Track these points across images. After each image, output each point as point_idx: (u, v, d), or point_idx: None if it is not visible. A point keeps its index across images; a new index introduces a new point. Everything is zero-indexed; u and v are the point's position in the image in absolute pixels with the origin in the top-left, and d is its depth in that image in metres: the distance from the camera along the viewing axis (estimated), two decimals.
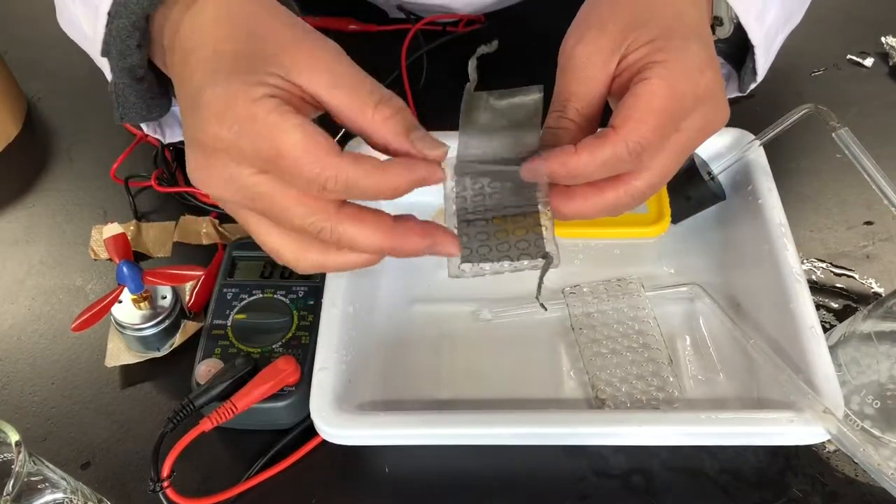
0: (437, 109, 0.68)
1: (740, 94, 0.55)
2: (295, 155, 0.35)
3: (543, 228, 0.41)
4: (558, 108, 0.41)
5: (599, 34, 0.41)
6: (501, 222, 0.41)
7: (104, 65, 0.45)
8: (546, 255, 0.41)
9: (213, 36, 0.37)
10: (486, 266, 0.40)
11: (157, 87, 0.47)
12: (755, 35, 0.47)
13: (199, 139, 0.36)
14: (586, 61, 0.41)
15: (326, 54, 0.37)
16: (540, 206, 0.41)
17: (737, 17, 0.47)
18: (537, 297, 0.42)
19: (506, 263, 0.40)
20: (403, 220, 0.39)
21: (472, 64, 0.38)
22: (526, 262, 0.41)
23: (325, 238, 0.37)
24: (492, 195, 0.42)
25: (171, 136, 0.53)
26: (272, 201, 0.36)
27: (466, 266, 0.40)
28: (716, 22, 0.47)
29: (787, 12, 0.51)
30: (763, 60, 0.50)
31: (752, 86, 0.52)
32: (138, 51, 0.43)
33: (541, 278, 0.41)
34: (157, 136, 0.54)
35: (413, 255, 0.39)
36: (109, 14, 0.42)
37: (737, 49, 0.52)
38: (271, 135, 0.35)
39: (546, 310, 0.45)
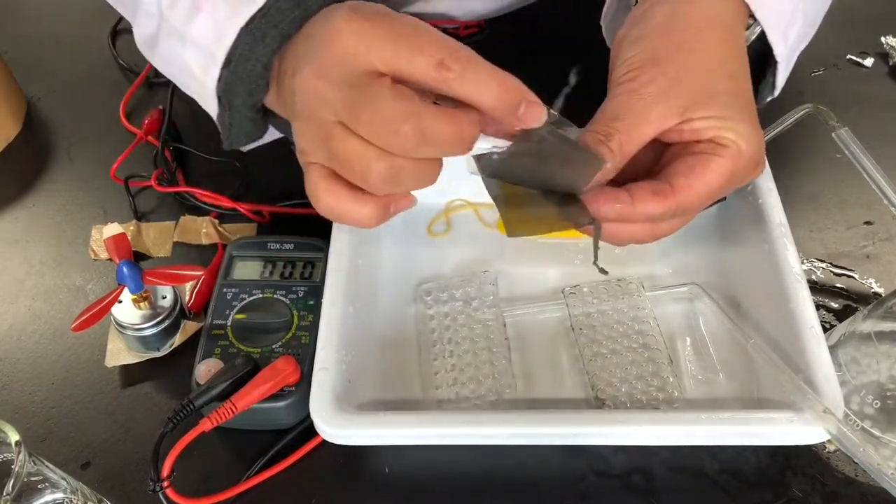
0: None
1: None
2: (389, 101, 0.38)
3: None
4: (602, 130, 0.42)
5: (672, 87, 0.42)
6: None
7: (211, 102, 0.47)
8: (593, 221, 0.42)
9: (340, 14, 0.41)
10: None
11: (266, 116, 0.50)
12: (780, 50, 0.48)
13: (311, 49, 0.41)
14: (649, 108, 0.42)
15: (428, 47, 0.39)
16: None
17: (763, 34, 0.48)
18: (595, 263, 0.44)
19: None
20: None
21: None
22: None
23: (409, 129, 0.38)
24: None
25: (270, 136, 0.55)
26: (368, 90, 0.39)
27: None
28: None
29: (808, 27, 0.51)
30: (783, 76, 0.51)
31: (769, 99, 0.53)
32: (266, 88, 0.46)
33: (596, 242, 0.44)
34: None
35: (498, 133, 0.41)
36: (227, 58, 0.45)
37: (752, 61, 0.52)
38: (357, 57, 0.39)
39: (607, 273, 0.45)
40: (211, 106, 0.48)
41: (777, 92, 0.52)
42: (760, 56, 0.50)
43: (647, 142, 0.43)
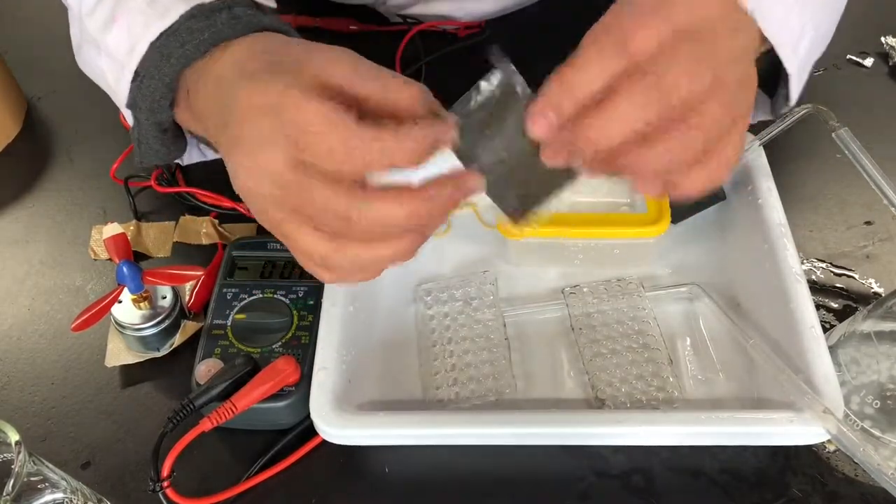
0: None
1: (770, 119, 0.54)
2: (319, 128, 0.37)
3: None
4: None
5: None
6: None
7: (127, 113, 0.47)
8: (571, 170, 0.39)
9: (240, 61, 0.41)
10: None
11: (179, 134, 0.49)
12: (790, 65, 0.47)
13: (235, 137, 0.39)
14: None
15: (344, 54, 0.39)
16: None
17: (772, 49, 0.46)
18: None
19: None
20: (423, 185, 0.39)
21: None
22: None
23: (356, 221, 0.38)
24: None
25: (189, 159, 0.54)
26: (301, 188, 0.37)
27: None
28: None
29: (819, 39, 0.50)
30: (797, 89, 0.49)
31: (784, 111, 0.51)
32: (168, 109, 0.46)
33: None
34: (176, 161, 0.55)
35: (444, 211, 0.39)
36: (137, 72, 0.44)
37: (765, 73, 0.51)
38: (297, 113, 0.37)
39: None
40: (128, 117, 0.48)
41: (792, 104, 0.50)
42: (773, 68, 0.49)
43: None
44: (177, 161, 0.54)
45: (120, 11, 0.45)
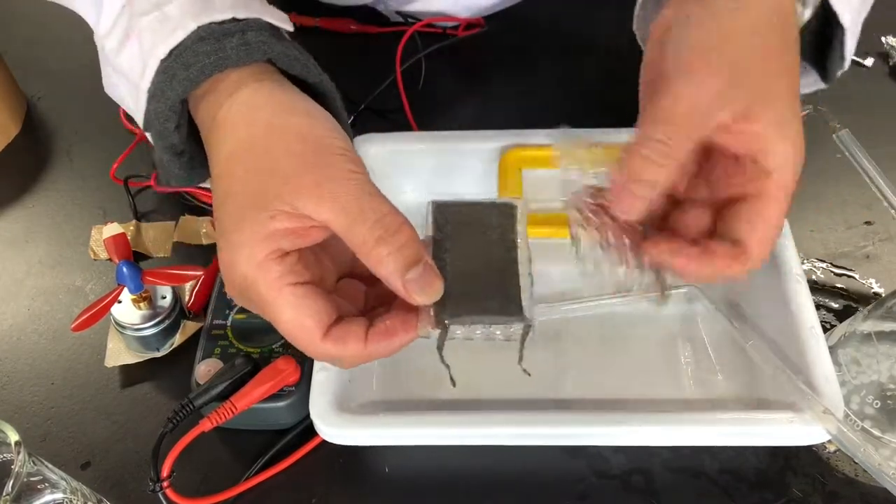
0: (435, 110, 0.69)
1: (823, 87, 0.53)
2: (286, 330, 0.38)
3: (521, 289, 0.38)
4: (658, 137, 0.38)
5: (737, 83, 0.38)
6: (479, 276, 0.39)
7: (149, 134, 0.46)
8: (524, 319, 0.37)
9: (230, 169, 0.39)
10: (458, 330, 0.38)
11: (197, 159, 0.47)
12: (845, 17, 0.45)
13: (221, 270, 0.39)
14: (711, 103, 0.38)
15: (332, 184, 0.37)
16: (519, 265, 0.39)
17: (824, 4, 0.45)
18: (520, 363, 0.39)
19: (478, 329, 0.38)
20: (376, 330, 0.39)
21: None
22: (499, 331, 0.38)
23: (312, 354, 0.39)
24: (478, 243, 0.40)
25: None
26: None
27: (432, 332, 0.38)
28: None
29: None
30: (852, 44, 0.47)
31: (839, 73, 0.49)
32: (176, 132, 0.44)
33: (521, 345, 0.39)
34: (206, 186, 0.55)
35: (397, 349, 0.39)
36: (149, 92, 0.43)
37: (814, 37, 0.49)
38: (268, 306, 0.38)
39: (530, 375, 0.40)
40: (150, 137, 0.46)
41: (847, 64, 0.48)
42: (821, 28, 0.47)
43: (698, 143, 0.39)
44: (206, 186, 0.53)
45: (132, 29, 0.44)
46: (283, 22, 0.45)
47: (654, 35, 0.42)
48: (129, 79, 0.44)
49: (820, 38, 0.48)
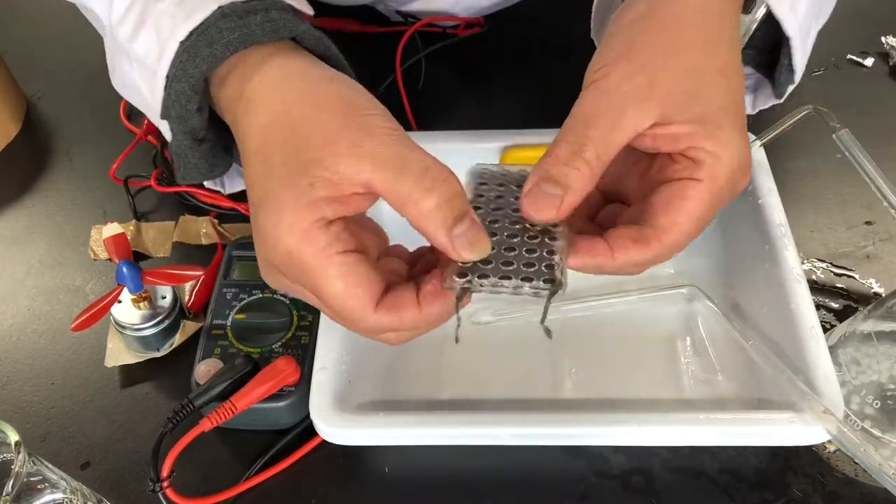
0: (435, 110, 0.69)
1: (777, 102, 0.52)
2: (335, 304, 0.36)
3: (555, 254, 0.37)
4: (575, 143, 0.37)
5: (648, 88, 0.37)
6: (513, 237, 0.38)
7: (164, 127, 0.45)
8: (554, 281, 0.36)
9: (266, 142, 0.38)
10: (485, 282, 0.36)
11: (219, 147, 0.46)
12: (790, 26, 0.44)
13: (250, 198, 0.39)
14: (622, 109, 0.37)
15: (371, 140, 0.36)
16: (559, 232, 0.38)
17: (767, 8, 0.44)
18: (542, 322, 0.38)
19: (507, 283, 0.36)
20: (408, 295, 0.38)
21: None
22: (528, 286, 0.36)
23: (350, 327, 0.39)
24: (512, 208, 0.39)
25: (232, 187, 0.52)
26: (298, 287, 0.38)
27: (461, 280, 0.36)
28: (744, 11, 0.43)
29: (819, 3, 0.47)
30: (800, 55, 0.46)
31: (790, 88, 0.49)
32: (198, 114, 0.43)
33: (547, 304, 0.37)
34: (217, 189, 0.54)
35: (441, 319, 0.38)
36: (167, 77, 0.42)
37: (766, 54, 0.48)
38: (315, 279, 0.36)
39: (551, 337, 0.38)
40: (165, 130, 0.45)
41: (798, 77, 0.47)
42: (773, 44, 0.46)
43: (624, 147, 0.38)
44: (230, 192, 0.52)
45: (148, 15, 0.43)
46: (303, 5, 0.44)
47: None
48: (144, 65, 0.43)
49: (769, 55, 0.47)
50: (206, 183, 0.53)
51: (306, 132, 0.37)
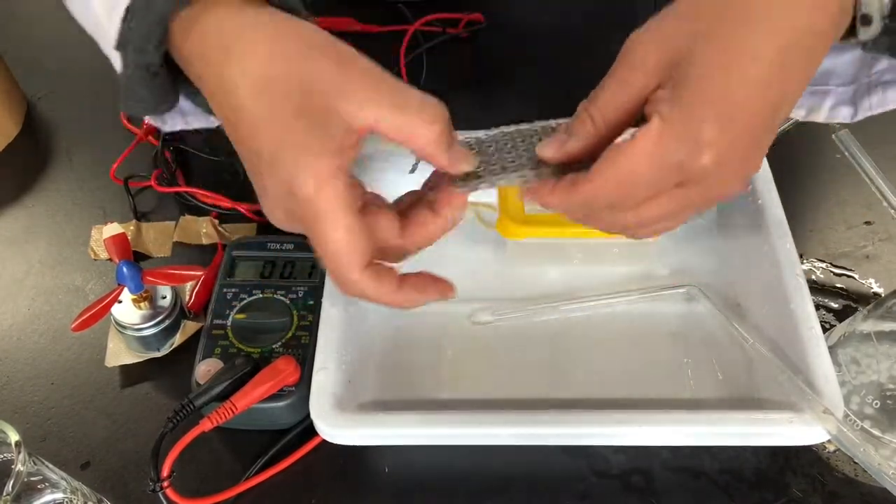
0: None
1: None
2: (332, 250, 0.38)
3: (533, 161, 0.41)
4: (590, 106, 0.40)
5: (667, 65, 0.37)
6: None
7: (114, 57, 0.44)
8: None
9: (264, 86, 0.38)
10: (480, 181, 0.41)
11: (168, 83, 0.46)
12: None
13: (244, 152, 0.40)
14: (630, 74, 0.39)
15: (372, 84, 0.38)
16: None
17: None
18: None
19: (495, 177, 0.41)
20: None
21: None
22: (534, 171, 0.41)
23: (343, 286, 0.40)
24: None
25: (172, 125, 0.51)
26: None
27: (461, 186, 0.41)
28: (861, 22, 0.40)
29: None
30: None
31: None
32: (156, 50, 0.42)
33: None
34: (156, 124, 0.52)
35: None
36: (128, 9, 0.41)
37: None
38: (322, 223, 0.37)
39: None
40: (114, 59, 0.44)
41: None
42: None
43: (639, 102, 0.38)
44: (164, 134, 0.51)
45: None
46: None
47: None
48: None
49: None
50: (146, 118, 0.52)
51: (315, 83, 0.38)
